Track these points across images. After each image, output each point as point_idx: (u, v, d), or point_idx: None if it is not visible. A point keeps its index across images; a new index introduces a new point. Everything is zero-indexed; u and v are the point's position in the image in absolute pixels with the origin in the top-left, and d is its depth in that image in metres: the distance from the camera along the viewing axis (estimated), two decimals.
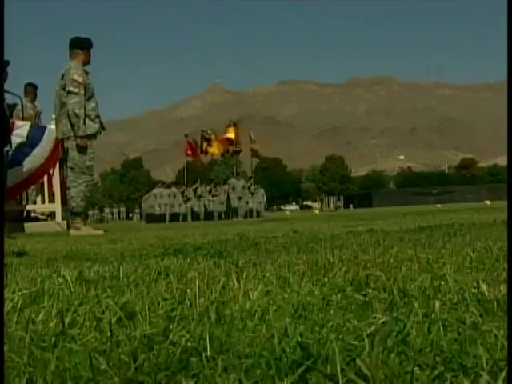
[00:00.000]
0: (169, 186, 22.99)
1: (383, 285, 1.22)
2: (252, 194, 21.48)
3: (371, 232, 3.65)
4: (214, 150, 23.60)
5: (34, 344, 0.78)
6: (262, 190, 22.45)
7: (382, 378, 0.59)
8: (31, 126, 7.44)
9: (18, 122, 7.23)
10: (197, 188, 22.07)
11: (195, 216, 21.03)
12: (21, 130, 7.14)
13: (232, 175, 22.48)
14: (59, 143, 7.09)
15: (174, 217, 20.97)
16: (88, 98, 6.63)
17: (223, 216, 20.65)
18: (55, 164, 7.98)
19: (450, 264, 1.53)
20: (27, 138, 7.17)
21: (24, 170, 7.10)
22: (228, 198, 20.84)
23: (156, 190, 22.30)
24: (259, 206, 21.71)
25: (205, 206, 21.42)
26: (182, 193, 21.94)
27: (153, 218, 21.00)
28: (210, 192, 21.69)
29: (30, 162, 7.18)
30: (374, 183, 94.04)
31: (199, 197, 21.61)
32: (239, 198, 20.68)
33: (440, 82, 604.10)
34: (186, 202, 21.66)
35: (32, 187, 8.49)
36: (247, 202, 20.89)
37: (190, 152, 24.02)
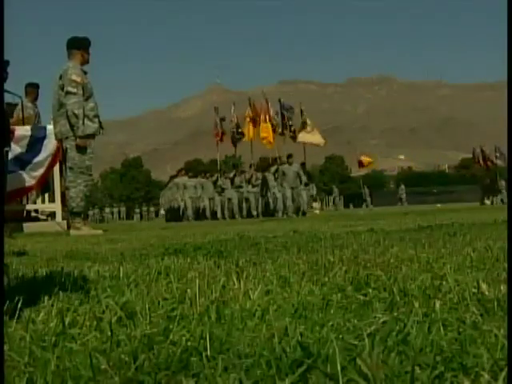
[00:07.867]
0: (195, 176, 18.13)
1: (383, 284, 1.22)
2: (306, 184, 16.01)
3: (371, 232, 3.65)
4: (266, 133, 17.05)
5: (34, 343, 0.78)
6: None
7: (382, 378, 0.59)
8: (31, 136, 7.21)
9: (18, 132, 7.03)
10: (234, 176, 16.86)
11: (230, 212, 16.26)
12: (20, 142, 6.97)
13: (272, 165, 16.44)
14: (60, 146, 7.02)
15: (202, 213, 16.63)
16: (86, 98, 6.61)
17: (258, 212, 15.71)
18: (55, 165, 7.93)
19: (451, 264, 1.53)
20: (27, 151, 7.04)
21: (26, 177, 7.00)
22: (272, 189, 15.28)
23: (179, 180, 17.59)
24: (309, 201, 16.99)
25: (245, 199, 16.25)
26: (215, 182, 17.21)
27: (175, 215, 16.79)
28: (249, 181, 16.50)
29: (33, 170, 7.08)
30: (374, 183, 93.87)
31: (238, 187, 16.46)
32: (291, 188, 15.00)
33: (440, 82, 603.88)
34: (219, 194, 16.78)
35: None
36: (298, 195, 15.23)
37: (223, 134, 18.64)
